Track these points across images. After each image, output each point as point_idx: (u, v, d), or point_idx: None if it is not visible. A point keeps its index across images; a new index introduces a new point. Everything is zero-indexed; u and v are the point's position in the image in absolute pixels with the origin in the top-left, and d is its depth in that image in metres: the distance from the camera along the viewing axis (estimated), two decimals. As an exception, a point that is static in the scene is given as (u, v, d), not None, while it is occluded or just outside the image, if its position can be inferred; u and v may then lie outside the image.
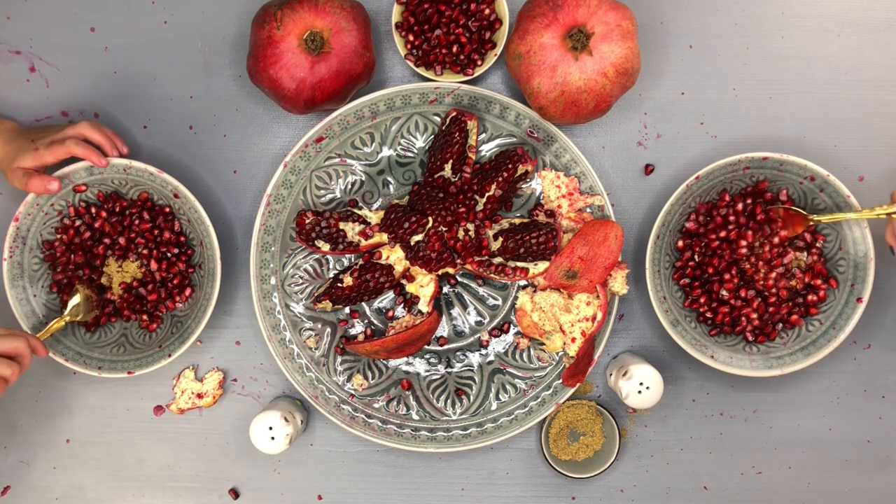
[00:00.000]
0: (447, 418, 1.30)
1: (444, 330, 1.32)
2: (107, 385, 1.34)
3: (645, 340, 1.34)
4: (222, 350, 1.34)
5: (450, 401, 1.31)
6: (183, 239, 1.30)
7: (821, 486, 1.34)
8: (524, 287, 1.31)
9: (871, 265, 1.24)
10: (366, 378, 1.31)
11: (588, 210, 1.29)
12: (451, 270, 1.27)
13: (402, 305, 1.31)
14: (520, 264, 1.25)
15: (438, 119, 1.29)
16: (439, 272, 1.27)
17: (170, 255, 1.29)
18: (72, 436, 1.34)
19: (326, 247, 1.27)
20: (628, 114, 1.33)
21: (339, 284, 1.27)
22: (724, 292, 1.26)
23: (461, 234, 1.25)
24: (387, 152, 1.30)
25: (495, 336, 1.31)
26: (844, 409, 1.33)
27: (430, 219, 1.25)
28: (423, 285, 1.28)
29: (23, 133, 1.27)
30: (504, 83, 1.32)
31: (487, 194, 1.26)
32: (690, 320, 1.29)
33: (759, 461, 1.34)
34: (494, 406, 1.30)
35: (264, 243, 1.29)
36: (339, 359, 1.31)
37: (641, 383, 1.25)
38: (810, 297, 1.27)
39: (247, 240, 1.34)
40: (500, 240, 1.26)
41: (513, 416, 1.30)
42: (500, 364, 1.31)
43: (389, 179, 1.31)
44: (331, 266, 1.31)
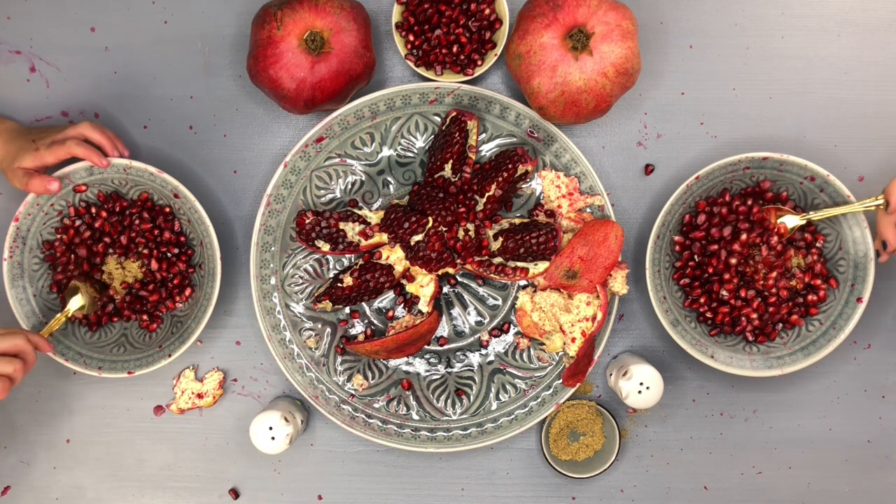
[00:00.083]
0: (447, 418, 1.30)
1: (444, 330, 1.32)
2: (107, 385, 1.34)
3: (645, 340, 1.34)
4: (222, 350, 1.34)
5: (450, 401, 1.31)
6: (183, 239, 1.30)
7: (821, 486, 1.34)
8: (524, 287, 1.31)
9: (871, 265, 1.24)
10: (366, 378, 1.31)
11: (588, 210, 1.29)
12: (451, 270, 1.27)
13: (402, 305, 1.31)
14: (520, 264, 1.25)
15: (438, 119, 1.29)
16: (439, 272, 1.27)
17: (170, 255, 1.29)
18: (72, 436, 1.34)
19: (326, 247, 1.27)
20: (628, 114, 1.33)
21: (339, 284, 1.27)
22: (724, 292, 1.26)
23: (461, 234, 1.25)
24: (387, 152, 1.30)
25: (495, 336, 1.31)
26: (844, 409, 1.33)
27: (430, 219, 1.25)
28: (423, 285, 1.28)
29: (23, 133, 1.27)
30: (504, 83, 1.32)
31: (487, 194, 1.26)
32: (690, 320, 1.29)
33: (759, 461, 1.34)
34: (494, 406, 1.30)
35: (264, 243, 1.29)
36: (339, 359, 1.31)
37: (641, 383, 1.25)
38: (810, 297, 1.27)
39: (247, 240, 1.34)
40: (500, 240, 1.26)
41: (513, 416, 1.30)
42: (500, 364, 1.31)
43: (389, 179, 1.31)
44: (331, 266, 1.31)
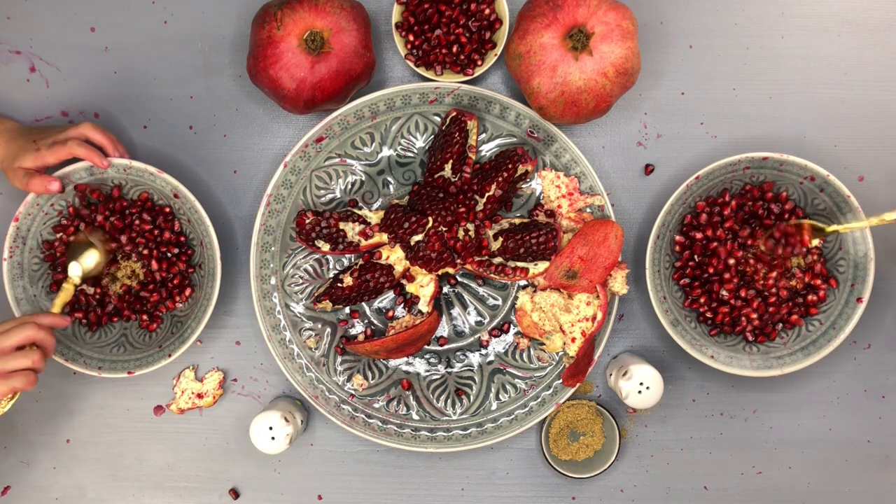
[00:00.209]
0: (447, 418, 1.30)
1: (444, 330, 1.32)
2: (107, 385, 1.34)
3: (645, 340, 1.34)
4: (222, 350, 1.34)
5: (450, 401, 1.31)
6: (183, 239, 1.30)
7: (821, 486, 1.34)
8: (524, 287, 1.31)
9: (871, 265, 1.24)
10: (366, 378, 1.31)
11: (588, 210, 1.29)
12: (451, 270, 1.27)
13: (402, 305, 1.31)
14: (520, 264, 1.25)
15: (438, 119, 1.29)
16: (439, 272, 1.27)
17: (170, 255, 1.29)
18: (72, 436, 1.34)
19: (326, 247, 1.27)
20: (628, 114, 1.33)
21: (339, 284, 1.27)
22: (724, 292, 1.26)
23: (461, 234, 1.25)
24: (387, 152, 1.30)
25: (495, 336, 1.31)
26: (844, 409, 1.33)
27: (430, 219, 1.25)
28: (423, 285, 1.28)
29: (24, 133, 1.27)
30: (504, 83, 1.32)
31: (487, 194, 1.26)
32: (690, 320, 1.29)
33: (759, 461, 1.34)
34: (494, 406, 1.30)
35: (264, 243, 1.29)
36: (339, 359, 1.31)
37: (641, 383, 1.25)
38: (810, 297, 1.27)
39: (247, 240, 1.34)
40: (500, 240, 1.26)
41: (513, 416, 1.30)
42: (500, 364, 1.31)
43: (389, 179, 1.31)
44: (331, 266, 1.31)
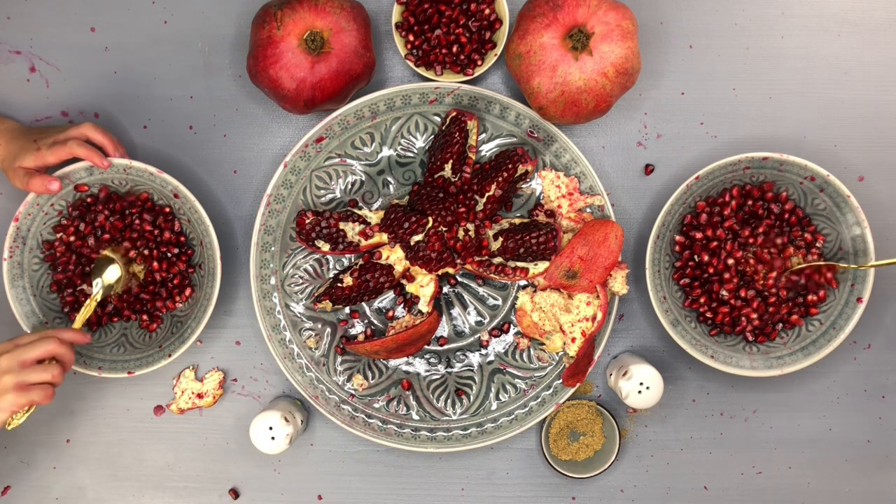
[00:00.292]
0: (447, 418, 1.30)
1: (444, 330, 1.32)
2: (107, 385, 1.34)
3: (645, 340, 1.34)
4: (222, 350, 1.34)
5: (450, 401, 1.31)
6: (183, 239, 1.30)
7: (821, 486, 1.34)
8: (524, 287, 1.31)
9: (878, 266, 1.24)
10: (366, 378, 1.31)
11: (588, 210, 1.29)
12: (451, 270, 1.27)
13: (402, 305, 1.31)
14: (520, 264, 1.25)
15: (438, 119, 1.29)
16: (439, 272, 1.27)
17: (170, 255, 1.29)
18: (72, 436, 1.34)
19: (326, 247, 1.27)
20: (628, 114, 1.33)
21: (339, 284, 1.27)
22: (724, 292, 1.26)
23: (461, 234, 1.25)
24: (387, 152, 1.30)
25: (495, 336, 1.31)
26: (844, 409, 1.33)
27: (430, 219, 1.25)
28: (423, 285, 1.28)
29: (25, 133, 1.27)
30: (504, 83, 1.32)
31: (487, 194, 1.26)
32: (690, 320, 1.29)
33: (759, 461, 1.34)
34: (494, 406, 1.30)
35: (264, 243, 1.29)
36: (339, 359, 1.31)
37: (641, 383, 1.25)
38: (810, 297, 1.27)
39: (247, 240, 1.34)
40: (500, 240, 1.26)
41: (513, 416, 1.30)
42: (500, 364, 1.31)
43: (389, 179, 1.31)
44: (331, 266, 1.31)
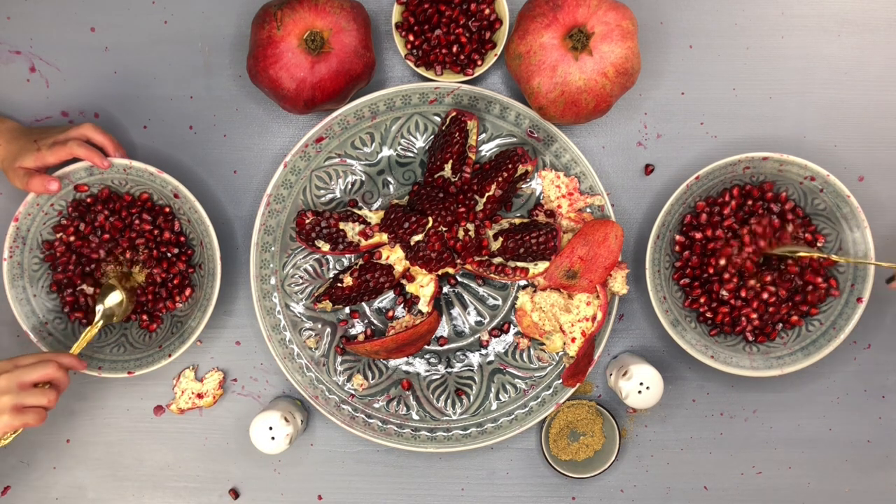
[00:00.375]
0: (447, 418, 1.30)
1: (444, 330, 1.32)
2: (107, 385, 1.34)
3: (645, 340, 1.34)
4: (222, 350, 1.34)
5: (450, 401, 1.31)
6: (183, 239, 1.30)
7: (821, 486, 1.34)
8: (524, 287, 1.31)
9: (871, 265, 1.24)
10: (366, 378, 1.31)
11: (588, 210, 1.29)
12: (451, 270, 1.27)
13: (402, 305, 1.31)
14: (520, 264, 1.25)
15: (438, 119, 1.29)
16: (439, 272, 1.27)
17: (170, 255, 1.29)
18: (72, 436, 1.34)
19: (326, 247, 1.27)
20: (628, 114, 1.33)
21: (339, 284, 1.27)
22: (724, 292, 1.26)
23: (461, 234, 1.25)
24: (387, 152, 1.30)
25: (495, 336, 1.31)
26: (844, 409, 1.33)
27: (430, 219, 1.25)
28: (423, 285, 1.28)
29: (25, 133, 1.27)
30: (504, 83, 1.32)
31: (487, 194, 1.26)
32: (690, 320, 1.29)
33: (759, 461, 1.34)
34: (494, 406, 1.30)
35: (264, 243, 1.29)
36: (339, 359, 1.31)
37: (641, 383, 1.25)
38: (810, 297, 1.27)
39: (247, 240, 1.34)
40: (500, 240, 1.26)
41: (513, 416, 1.30)
42: (500, 364, 1.31)
43: (389, 179, 1.31)
44: (331, 266, 1.31)
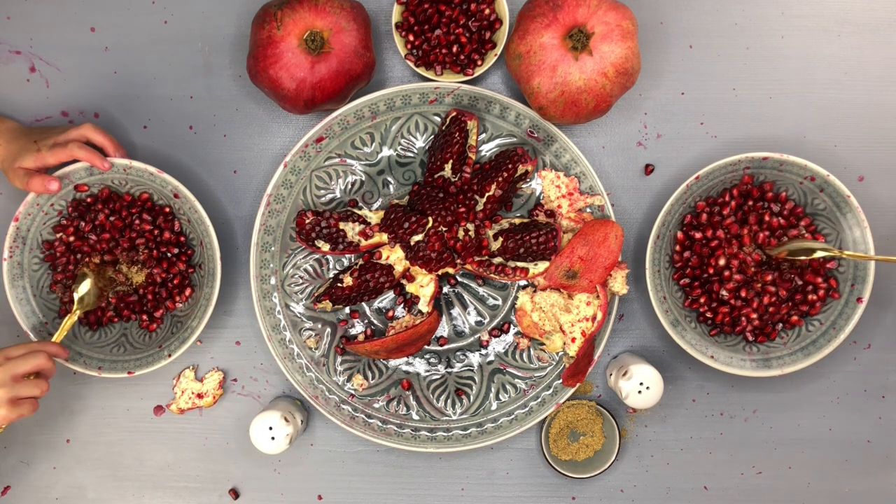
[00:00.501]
0: (447, 418, 1.30)
1: (444, 330, 1.32)
2: (107, 385, 1.34)
3: (645, 340, 1.34)
4: (222, 350, 1.34)
5: (450, 401, 1.31)
6: (183, 239, 1.30)
7: (821, 486, 1.34)
8: (524, 287, 1.31)
9: (871, 265, 1.24)
10: (366, 378, 1.31)
11: (588, 210, 1.29)
12: (451, 270, 1.27)
13: (402, 305, 1.31)
14: (520, 264, 1.25)
15: (438, 119, 1.29)
16: (439, 272, 1.27)
17: (170, 255, 1.29)
18: (72, 436, 1.34)
19: (326, 247, 1.27)
20: (628, 114, 1.33)
21: (339, 284, 1.27)
22: (724, 292, 1.26)
23: (461, 234, 1.25)
24: (387, 152, 1.30)
25: (495, 336, 1.31)
26: (844, 409, 1.33)
27: (430, 219, 1.25)
28: (423, 285, 1.28)
29: (25, 133, 1.27)
30: (504, 83, 1.32)
31: (487, 194, 1.26)
32: (690, 320, 1.29)
33: (759, 461, 1.34)
34: (494, 406, 1.30)
35: (264, 243, 1.29)
36: (339, 359, 1.31)
37: (641, 383, 1.25)
38: (810, 297, 1.27)
39: (247, 240, 1.34)
40: (500, 240, 1.26)
41: (513, 416, 1.30)
42: (500, 364, 1.31)
43: (389, 179, 1.31)
44: (331, 266, 1.31)
